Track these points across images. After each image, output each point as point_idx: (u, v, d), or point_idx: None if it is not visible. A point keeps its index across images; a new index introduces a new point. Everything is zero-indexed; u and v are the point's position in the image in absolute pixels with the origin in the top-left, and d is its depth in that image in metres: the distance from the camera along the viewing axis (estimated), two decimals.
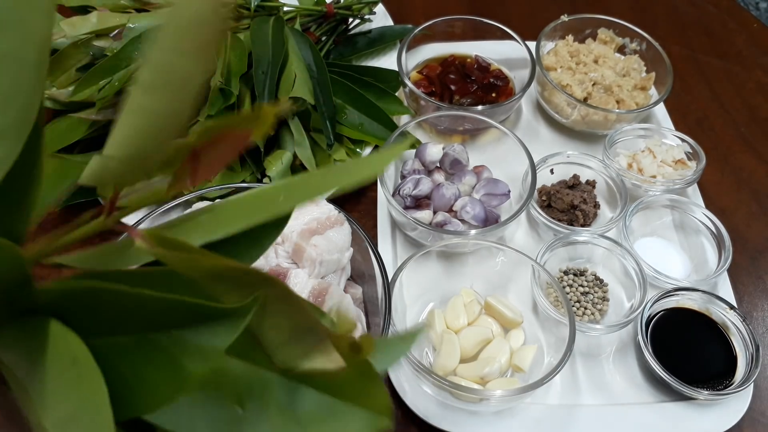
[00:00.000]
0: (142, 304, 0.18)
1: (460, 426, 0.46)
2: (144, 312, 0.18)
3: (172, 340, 0.18)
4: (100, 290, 0.18)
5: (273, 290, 0.18)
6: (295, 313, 0.19)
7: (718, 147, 0.69)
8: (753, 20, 0.85)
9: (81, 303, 0.18)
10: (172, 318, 0.18)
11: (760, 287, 0.58)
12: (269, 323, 0.19)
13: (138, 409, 0.18)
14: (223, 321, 0.18)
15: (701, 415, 0.48)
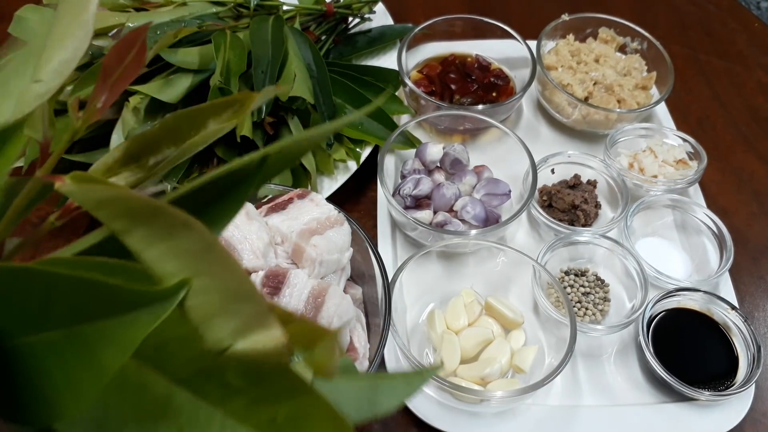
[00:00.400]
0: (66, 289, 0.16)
1: (461, 427, 0.45)
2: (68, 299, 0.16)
3: (94, 332, 0.16)
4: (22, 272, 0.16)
5: (194, 239, 0.16)
6: (224, 273, 0.16)
7: (720, 147, 0.69)
8: (754, 20, 0.85)
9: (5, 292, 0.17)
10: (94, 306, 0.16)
11: (762, 287, 0.58)
12: (195, 286, 0.16)
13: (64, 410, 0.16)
14: (146, 307, 0.16)
15: (702, 416, 0.48)
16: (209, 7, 0.60)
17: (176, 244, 0.16)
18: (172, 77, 0.54)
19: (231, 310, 0.16)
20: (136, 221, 0.16)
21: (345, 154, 0.59)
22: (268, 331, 0.17)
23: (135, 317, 0.16)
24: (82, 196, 0.16)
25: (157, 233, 0.16)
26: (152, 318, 0.15)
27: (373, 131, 0.60)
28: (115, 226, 0.16)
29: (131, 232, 0.16)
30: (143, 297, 0.16)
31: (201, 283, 0.16)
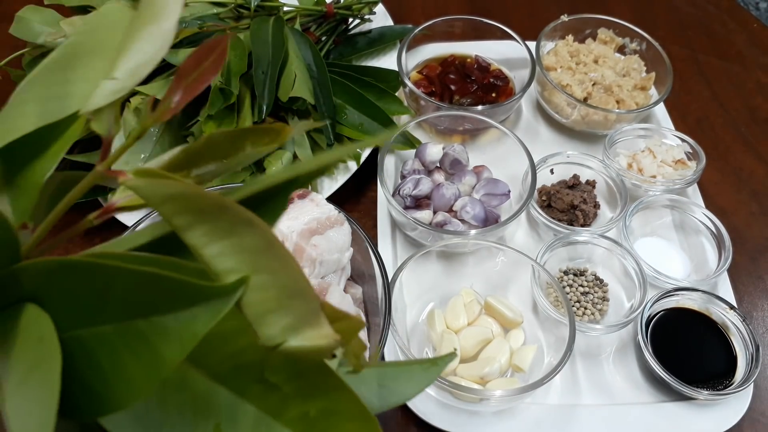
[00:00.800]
0: (125, 283, 0.16)
1: (460, 426, 0.46)
2: (125, 293, 0.16)
3: (152, 327, 0.16)
4: (83, 266, 0.16)
5: (257, 237, 0.16)
6: (283, 270, 0.17)
7: (718, 147, 0.69)
8: (753, 20, 0.85)
9: (63, 285, 0.17)
10: (152, 300, 0.16)
11: (760, 287, 0.58)
12: (255, 282, 0.16)
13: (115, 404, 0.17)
14: (204, 303, 0.16)
15: (701, 415, 0.48)
16: (210, 8, 0.60)
17: (238, 241, 0.16)
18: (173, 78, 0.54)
19: (286, 307, 0.17)
20: (201, 218, 0.16)
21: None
22: (319, 329, 0.17)
23: (196, 312, 0.16)
24: (149, 191, 0.16)
25: (220, 230, 0.16)
26: (214, 314, 0.16)
27: (373, 132, 0.60)
28: (178, 222, 0.16)
29: (194, 228, 0.16)
30: (204, 292, 0.16)
31: (260, 280, 0.16)
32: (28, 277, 0.18)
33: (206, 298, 0.16)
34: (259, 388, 0.18)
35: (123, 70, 0.20)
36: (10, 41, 0.57)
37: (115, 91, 0.19)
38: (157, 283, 0.16)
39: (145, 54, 0.20)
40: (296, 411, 0.18)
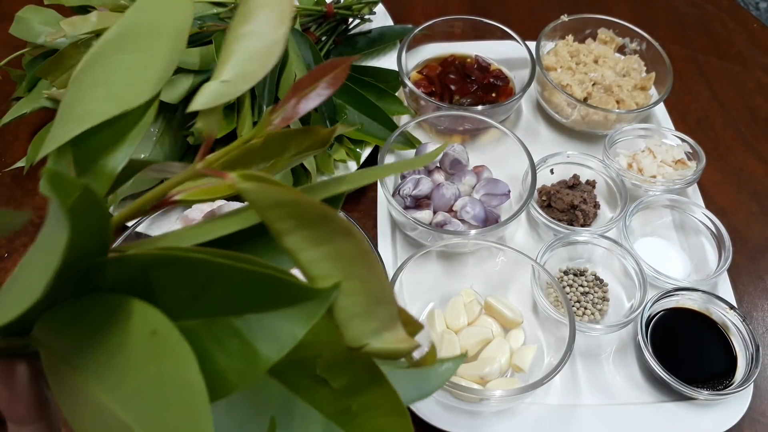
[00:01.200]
0: (228, 280, 0.17)
1: (460, 426, 0.46)
2: (226, 290, 0.17)
3: (246, 324, 0.17)
4: (188, 260, 0.17)
5: (352, 245, 0.17)
6: (371, 278, 0.18)
7: (718, 147, 0.69)
8: (753, 20, 0.85)
9: (161, 278, 0.17)
10: (250, 298, 0.17)
11: (760, 287, 0.58)
12: (347, 288, 0.17)
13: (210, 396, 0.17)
14: (300, 305, 0.16)
15: (701, 415, 0.48)
16: (210, 8, 0.60)
17: (335, 248, 0.17)
18: (174, 78, 0.54)
19: (371, 313, 0.18)
20: (303, 224, 0.17)
21: (345, 155, 0.60)
22: (397, 333, 0.19)
23: (293, 313, 0.16)
24: (259, 195, 0.17)
25: (320, 237, 0.17)
26: (311, 315, 0.16)
27: (373, 131, 0.60)
28: (281, 227, 0.17)
29: (294, 234, 0.17)
30: (303, 294, 0.16)
31: (351, 286, 0.17)
32: (124, 267, 0.18)
33: (303, 300, 0.16)
34: (310, 383, 0.19)
35: (236, 75, 0.20)
36: (10, 41, 0.57)
37: (226, 94, 0.20)
38: (259, 282, 0.16)
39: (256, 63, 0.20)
40: (341, 406, 0.19)
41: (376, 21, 0.72)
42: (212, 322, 0.17)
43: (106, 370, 0.17)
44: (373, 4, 0.70)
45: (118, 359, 0.17)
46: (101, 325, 0.17)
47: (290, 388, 0.19)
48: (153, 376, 0.16)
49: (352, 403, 0.20)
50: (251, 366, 0.16)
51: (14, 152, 0.61)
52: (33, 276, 0.17)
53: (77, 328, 0.18)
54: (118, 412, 0.16)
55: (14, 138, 0.63)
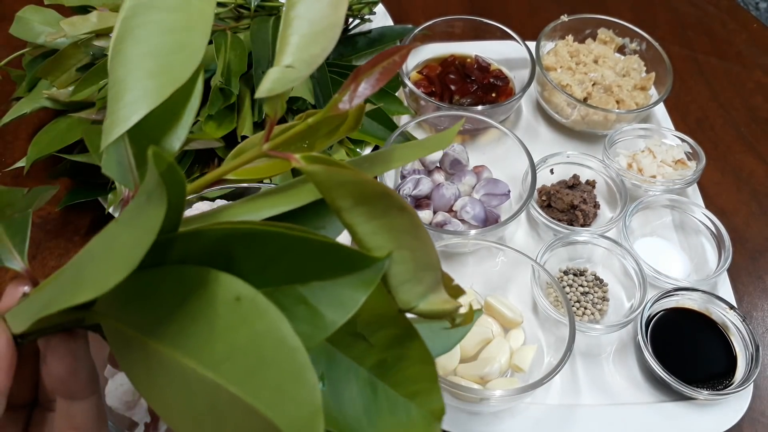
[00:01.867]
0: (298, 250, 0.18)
1: (460, 426, 0.46)
2: (294, 259, 0.18)
3: (312, 291, 0.18)
4: (263, 233, 0.18)
5: (405, 219, 0.19)
6: (420, 247, 0.20)
7: (718, 147, 0.69)
8: (753, 20, 0.85)
9: (226, 250, 0.18)
10: (313, 266, 0.18)
11: (760, 287, 0.58)
12: (397, 257, 0.19)
13: None
14: (359, 272, 0.18)
15: (701, 415, 0.48)
16: None
17: (390, 221, 0.19)
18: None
19: (420, 278, 0.20)
20: (363, 201, 0.19)
21: (345, 155, 0.60)
22: (440, 295, 0.21)
23: (354, 280, 0.18)
24: (324, 177, 0.18)
25: (377, 212, 0.19)
26: (371, 280, 0.18)
27: (373, 131, 0.60)
28: (342, 204, 0.19)
29: (354, 210, 0.19)
30: (362, 262, 0.18)
31: (403, 255, 0.20)
32: (195, 241, 0.19)
33: (362, 267, 0.18)
34: (351, 340, 0.21)
35: (300, 61, 0.21)
36: (11, 41, 0.58)
37: (292, 80, 0.21)
38: (323, 251, 0.18)
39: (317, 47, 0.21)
40: (378, 358, 0.22)
41: (376, 21, 0.72)
42: (279, 290, 0.18)
43: (191, 336, 0.17)
44: (373, 4, 0.70)
45: (204, 325, 0.17)
46: (181, 294, 0.18)
47: (335, 346, 0.21)
48: (246, 338, 0.16)
49: (387, 356, 0.22)
50: (318, 329, 0.18)
51: (14, 152, 0.61)
52: (123, 249, 0.17)
53: (152, 299, 0.18)
54: (210, 375, 0.16)
55: (14, 138, 0.63)
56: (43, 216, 0.57)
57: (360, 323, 0.21)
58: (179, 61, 0.21)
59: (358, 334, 0.21)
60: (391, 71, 0.20)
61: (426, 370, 0.22)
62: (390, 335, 0.21)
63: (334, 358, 0.21)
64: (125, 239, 0.18)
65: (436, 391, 0.22)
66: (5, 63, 0.58)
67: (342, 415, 0.21)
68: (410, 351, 0.22)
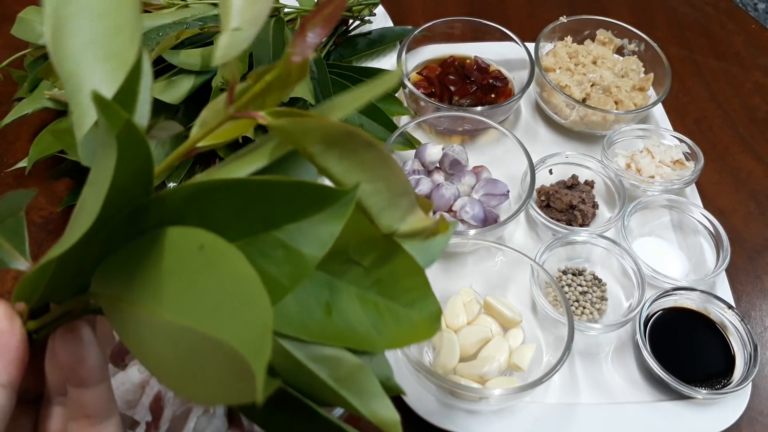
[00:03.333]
0: (264, 196, 0.19)
1: (460, 425, 0.46)
2: (263, 206, 0.19)
3: (287, 234, 0.19)
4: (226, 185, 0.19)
5: (373, 153, 0.20)
6: (392, 177, 0.21)
7: (717, 147, 0.70)
8: (751, 21, 0.85)
9: (204, 207, 0.19)
10: (287, 209, 0.19)
11: (758, 287, 0.58)
12: (372, 188, 0.21)
13: None
14: (330, 207, 0.19)
15: (699, 414, 0.48)
16: (211, 9, 0.61)
17: (360, 158, 0.20)
18: (175, 78, 0.55)
19: (396, 204, 0.22)
20: (331, 144, 0.20)
21: None
22: (418, 215, 0.23)
23: (326, 216, 0.19)
24: (292, 128, 0.20)
25: (347, 151, 0.20)
26: (342, 214, 0.19)
27: (373, 132, 0.61)
28: (313, 150, 0.20)
29: (325, 153, 0.20)
30: (333, 196, 0.19)
31: (377, 186, 0.21)
32: (166, 204, 0.19)
33: (332, 202, 0.19)
34: (346, 267, 0.23)
35: (245, 21, 0.22)
36: (12, 42, 0.58)
37: (243, 40, 0.21)
38: (292, 192, 0.19)
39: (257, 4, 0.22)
40: (373, 278, 0.24)
41: (376, 22, 0.72)
42: (257, 239, 0.19)
43: (165, 292, 0.18)
44: (373, 5, 0.70)
45: (174, 279, 0.18)
46: (155, 256, 0.19)
47: (332, 275, 0.23)
48: (210, 280, 0.18)
49: (381, 275, 0.24)
50: (300, 267, 0.19)
51: (16, 152, 0.62)
52: (85, 206, 0.18)
53: (133, 268, 0.19)
54: (183, 322, 0.17)
55: (16, 138, 0.63)
56: (44, 216, 0.58)
57: (351, 250, 0.23)
58: (122, 43, 0.22)
59: (351, 261, 0.23)
60: (334, 17, 0.21)
61: (417, 280, 0.24)
62: (380, 256, 0.24)
63: (335, 286, 0.23)
64: (87, 196, 0.19)
65: (430, 296, 0.25)
66: (7, 64, 0.58)
67: (353, 333, 0.23)
68: (400, 266, 0.24)
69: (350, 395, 0.22)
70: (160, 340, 0.18)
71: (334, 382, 0.22)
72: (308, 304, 0.22)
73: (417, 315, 0.24)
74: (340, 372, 0.22)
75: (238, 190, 0.19)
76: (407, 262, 0.24)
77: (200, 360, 0.17)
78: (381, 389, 0.23)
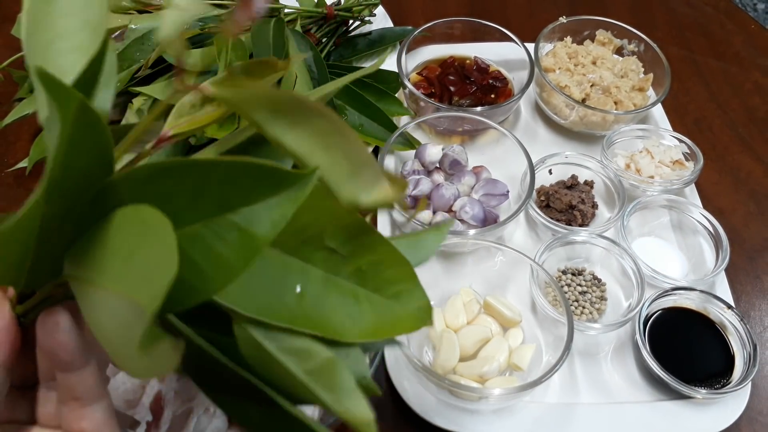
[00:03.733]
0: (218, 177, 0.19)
1: (459, 424, 0.46)
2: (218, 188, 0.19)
3: (242, 216, 0.19)
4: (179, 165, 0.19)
5: (326, 122, 0.20)
6: (349, 146, 0.20)
7: (716, 147, 0.70)
8: (751, 21, 0.86)
9: (159, 189, 0.19)
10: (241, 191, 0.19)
11: (758, 287, 0.58)
12: (330, 160, 0.20)
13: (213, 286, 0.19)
14: (286, 190, 0.18)
15: (699, 414, 0.48)
16: (211, 10, 0.61)
17: (311, 127, 0.20)
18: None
19: (357, 174, 0.21)
20: (278, 111, 0.19)
21: None
22: (382, 188, 0.22)
23: (281, 199, 0.19)
24: (234, 95, 0.19)
25: (296, 119, 0.20)
26: (297, 197, 0.19)
27: (373, 132, 0.61)
28: (261, 118, 0.20)
29: (274, 121, 0.20)
30: (290, 179, 0.18)
31: (334, 157, 0.20)
32: (123, 186, 0.20)
33: (289, 186, 0.19)
34: (322, 255, 0.23)
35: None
36: (12, 42, 0.58)
37: (185, 18, 0.22)
38: (247, 174, 0.18)
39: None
40: (352, 267, 0.23)
41: (376, 23, 0.72)
42: (212, 221, 0.19)
43: (109, 266, 0.19)
44: (373, 5, 0.70)
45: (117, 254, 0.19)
46: (105, 236, 0.19)
47: (307, 262, 0.22)
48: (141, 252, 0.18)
49: (361, 264, 0.23)
50: (249, 248, 0.19)
51: (16, 153, 0.62)
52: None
53: (90, 248, 0.20)
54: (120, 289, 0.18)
55: (16, 139, 0.63)
56: None
57: (327, 237, 0.22)
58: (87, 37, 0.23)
59: (328, 249, 0.23)
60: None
61: (401, 271, 0.24)
62: (359, 244, 0.23)
63: (309, 273, 0.22)
64: None
65: (417, 289, 0.24)
66: (7, 64, 0.58)
67: (325, 320, 0.22)
68: (382, 256, 0.23)
69: (321, 390, 0.22)
70: (105, 311, 0.19)
71: (304, 375, 0.21)
72: (278, 288, 0.22)
73: (401, 308, 0.24)
74: (311, 365, 0.22)
75: (194, 172, 0.19)
76: (390, 253, 0.24)
77: (126, 324, 0.18)
78: (355, 386, 0.22)
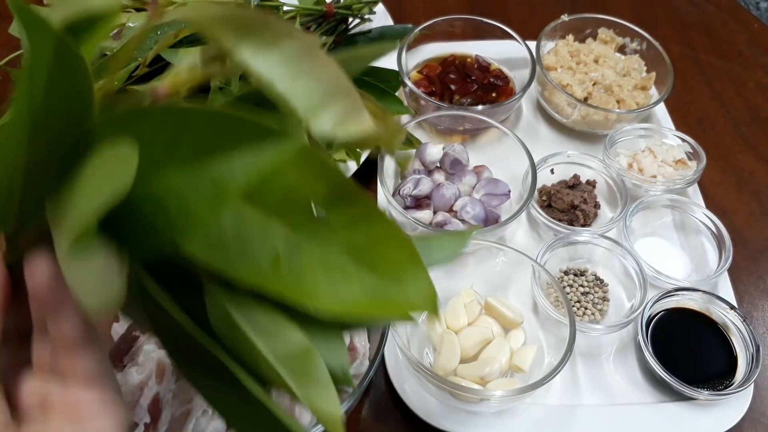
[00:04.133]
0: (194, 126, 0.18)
1: (461, 426, 0.46)
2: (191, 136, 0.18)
3: (218, 168, 0.18)
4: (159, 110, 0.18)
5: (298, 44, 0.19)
6: (324, 72, 0.19)
7: (719, 147, 0.69)
8: (753, 20, 0.85)
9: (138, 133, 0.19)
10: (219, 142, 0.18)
11: (761, 287, 0.58)
12: (301, 86, 0.19)
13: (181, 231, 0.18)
14: (268, 145, 0.17)
15: (701, 415, 0.48)
16: None
17: (281, 50, 0.18)
18: None
19: (331, 103, 0.19)
20: (246, 34, 0.18)
21: (345, 154, 0.60)
22: (362, 122, 0.20)
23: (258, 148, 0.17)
24: (197, 15, 0.18)
25: (265, 43, 0.18)
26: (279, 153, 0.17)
27: None
28: (227, 42, 0.18)
29: (241, 45, 0.18)
30: (271, 134, 0.17)
31: (305, 83, 0.19)
32: (104, 128, 0.19)
33: (270, 141, 0.17)
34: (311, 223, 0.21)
35: None
36: (10, 41, 0.57)
37: None
38: (226, 125, 0.17)
39: None
40: (349, 241, 0.21)
41: (376, 21, 0.72)
42: (187, 171, 0.18)
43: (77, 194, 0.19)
44: (373, 3, 0.70)
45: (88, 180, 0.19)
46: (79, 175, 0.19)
47: (292, 229, 0.20)
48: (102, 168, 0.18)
49: (357, 238, 0.21)
50: (219, 199, 0.18)
51: None
52: None
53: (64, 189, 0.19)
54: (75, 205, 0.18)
55: None
56: None
57: (317, 203, 0.21)
58: None
59: (317, 217, 0.21)
60: None
61: (402, 251, 0.21)
62: (352, 214, 0.21)
63: (293, 240, 0.20)
64: None
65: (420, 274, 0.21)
66: (5, 62, 0.58)
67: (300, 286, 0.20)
68: (382, 233, 0.21)
69: (290, 376, 0.20)
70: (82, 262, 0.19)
71: (274, 358, 0.20)
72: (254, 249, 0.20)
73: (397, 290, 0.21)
74: (283, 349, 0.20)
75: (173, 117, 0.18)
76: (390, 230, 0.21)
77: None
78: (329, 379, 0.21)
